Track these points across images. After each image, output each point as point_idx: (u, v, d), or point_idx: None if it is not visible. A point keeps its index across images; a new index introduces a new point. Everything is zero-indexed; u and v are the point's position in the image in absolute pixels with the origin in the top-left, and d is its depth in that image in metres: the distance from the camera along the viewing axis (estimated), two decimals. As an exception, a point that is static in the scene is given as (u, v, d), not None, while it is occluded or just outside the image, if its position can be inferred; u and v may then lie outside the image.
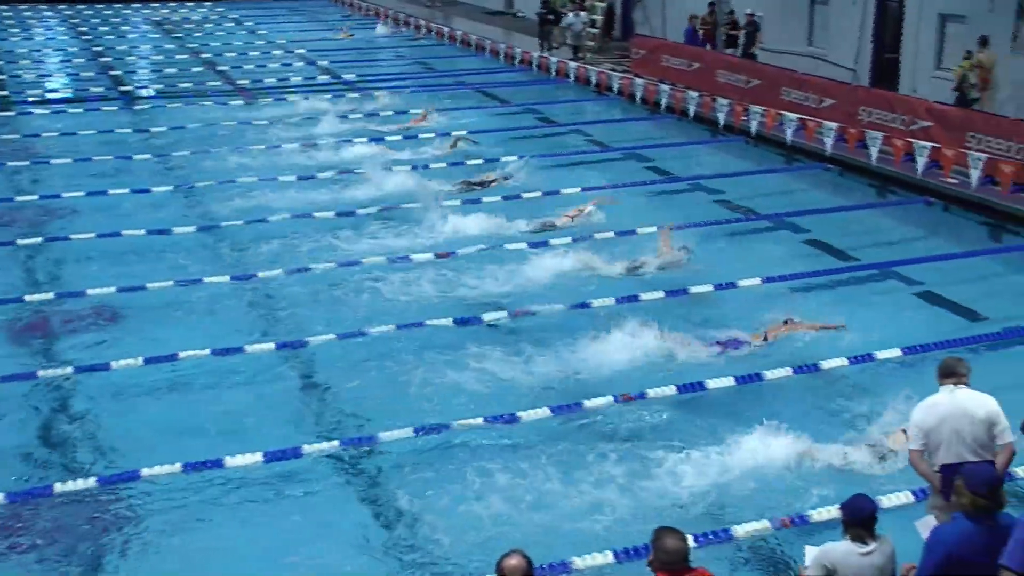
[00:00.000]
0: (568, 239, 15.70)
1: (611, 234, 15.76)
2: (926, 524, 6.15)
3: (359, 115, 24.85)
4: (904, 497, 8.71)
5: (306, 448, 9.78)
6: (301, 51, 34.59)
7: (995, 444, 6.99)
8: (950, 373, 7.21)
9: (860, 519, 5.87)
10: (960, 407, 7.00)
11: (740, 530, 8.41)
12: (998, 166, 16.74)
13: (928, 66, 22.37)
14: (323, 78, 30.20)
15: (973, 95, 19.92)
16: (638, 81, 25.66)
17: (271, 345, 12.15)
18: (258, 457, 9.56)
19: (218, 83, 29.47)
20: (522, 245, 15.33)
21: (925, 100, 19.74)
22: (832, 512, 8.04)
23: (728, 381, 10.94)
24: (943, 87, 21.38)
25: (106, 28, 41.48)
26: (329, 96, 27.20)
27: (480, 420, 10.18)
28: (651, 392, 10.68)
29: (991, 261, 15.01)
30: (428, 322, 12.55)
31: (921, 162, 17.77)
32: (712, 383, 10.87)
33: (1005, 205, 16.52)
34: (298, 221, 16.71)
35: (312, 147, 21.80)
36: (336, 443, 9.97)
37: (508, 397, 10.89)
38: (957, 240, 15.76)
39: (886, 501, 8.55)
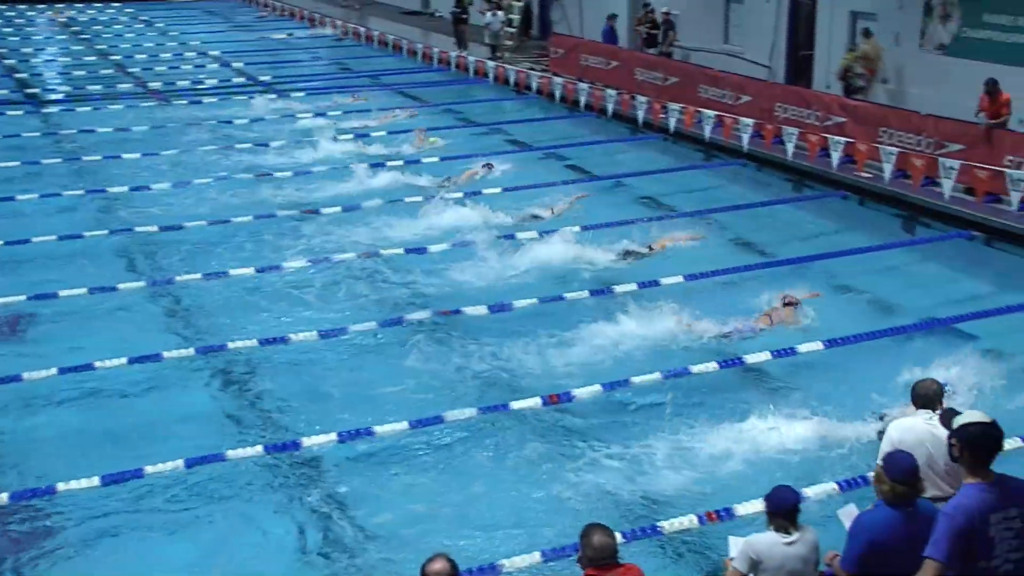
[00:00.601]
0: (491, 237, 15.68)
1: (534, 233, 15.77)
2: (848, 513, 6.22)
3: (276, 116, 24.52)
4: (829, 488, 8.82)
5: (230, 454, 9.58)
6: (215, 52, 34.01)
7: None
8: (929, 401, 6.94)
9: (783, 510, 5.93)
10: (938, 437, 6.70)
11: (667, 525, 8.44)
12: (909, 160, 17.09)
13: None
14: (239, 80, 29.72)
15: (859, 84, 20.74)
16: (557, 80, 25.71)
17: (191, 351, 11.89)
18: (179, 463, 9.33)
19: (129, 86, 28.84)
20: (445, 245, 15.24)
21: (839, 96, 20.09)
22: (756, 505, 8.13)
23: (656, 376, 10.98)
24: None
25: (9, 29, 40.35)
26: (245, 98, 26.78)
27: (405, 424, 10.07)
28: (577, 392, 10.67)
29: (905, 253, 15.29)
30: (352, 327, 12.39)
31: (836, 157, 18.07)
32: (637, 379, 10.88)
33: (916, 198, 16.87)
34: (216, 226, 16.39)
35: (230, 149, 21.43)
36: (260, 448, 9.79)
37: (435, 398, 10.82)
38: (872, 233, 16.03)
39: (811, 492, 8.67)
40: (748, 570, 5.86)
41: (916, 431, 6.73)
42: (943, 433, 6.66)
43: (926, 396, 6.91)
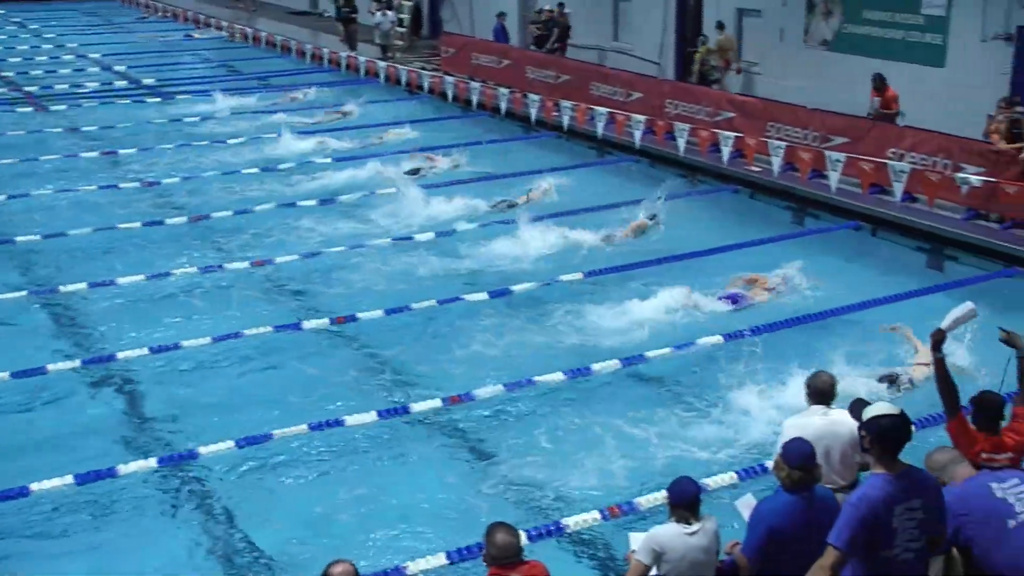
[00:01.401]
0: (388, 240, 15.53)
1: (431, 235, 15.70)
2: (746, 503, 6.28)
3: (163, 120, 23.90)
4: (729, 478, 8.94)
5: (122, 468, 9.28)
6: (95, 55, 32.99)
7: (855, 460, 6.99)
8: (824, 396, 7.02)
9: (684, 501, 5.97)
10: (832, 430, 6.86)
11: (571, 521, 8.48)
12: (797, 154, 17.45)
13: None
14: (121, 83, 28.84)
15: (715, 76, 21.91)
16: (449, 79, 25.61)
17: (77, 363, 11.50)
18: (69, 479, 9.02)
19: (3, 90, 27.77)
20: (342, 248, 15.11)
21: (727, 92, 20.42)
22: (658, 498, 8.18)
23: (558, 376, 10.99)
24: (744, 79, 22.22)
25: None
26: (128, 101, 26.03)
27: (304, 427, 9.88)
28: (479, 392, 10.62)
29: (795, 245, 15.56)
30: (245, 331, 12.15)
31: (726, 152, 18.35)
32: (539, 379, 10.90)
33: (805, 190, 17.23)
34: (102, 233, 15.94)
35: (112, 154, 20.80)
36: (153, 461, 9.50)
37: (335, 401, 10.69)
38: (764, 226, 16.30)
39: (711, 483, 8.78)
40: (651, 562, 5.88)
41: (811, 428, 6.81)
42: (838, 427, 6.78)
43: (819, 390, 6.98)
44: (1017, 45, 17.52)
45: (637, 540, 6.18)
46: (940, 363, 6.58)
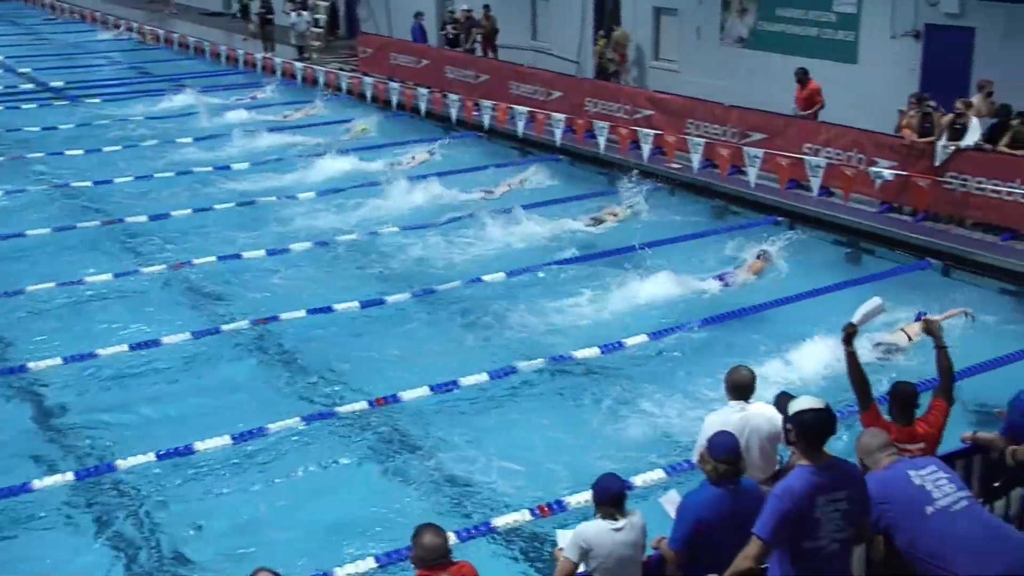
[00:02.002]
0: (309, 243, 15.34)
1: (354, 236, 15.57)
2: (671, 500, 6.29)
3: (70, 125, 23.30)
4: (656, 475, 8.97)
5: (36, 484, 9.01)
6: (-1, 58, 32.10)
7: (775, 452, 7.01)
8: (743, 391, 6.96)
9: (609, 498, 5.97)
10: (752, 425, 6.83)
11: (500, 521, 8.47)
12: (716, 150, 17.62)
13: (647, 57, 23.33)
14: (27, 86, 28.03)
15: (612, 68, 22.76)
16: (367, 80, 25.40)
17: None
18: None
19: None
20: (261, 252, 14.87)
21: (646, 89, 20.56)
22: (588, 497, 8.16)
23: (483, 377, 10.95)
24: (663, 77, 22.39)
25: None
26: (35, 105, 25.33)
27: (228, 439, 9.69)
28: (405, 395, 10.54)
29: (716, 241, 15.69)
30: (163, 339, 11.88)
31: (646, 149, 18.46)
32: (465, 380, 10.86)
33: (725, 186, 17.40)
34: (9, 241, 15.48)
35: (19, 159, 20.22)
36: (70, 475, 9.25)
37: (258, 408, 10.49)
38: (685, 222, 16.42)
39: (640, 481, 8.83)
40: (579, 559, 5.88)
41: (730, 423, 6.84)
42: (757, 421, 6.83)
43: (737, 385, 7.01)
44: (925, 42, 17.94)
45: (564, 537, 6.17)
46: (851, 356, 6.70)
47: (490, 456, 9.63)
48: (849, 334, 6.72)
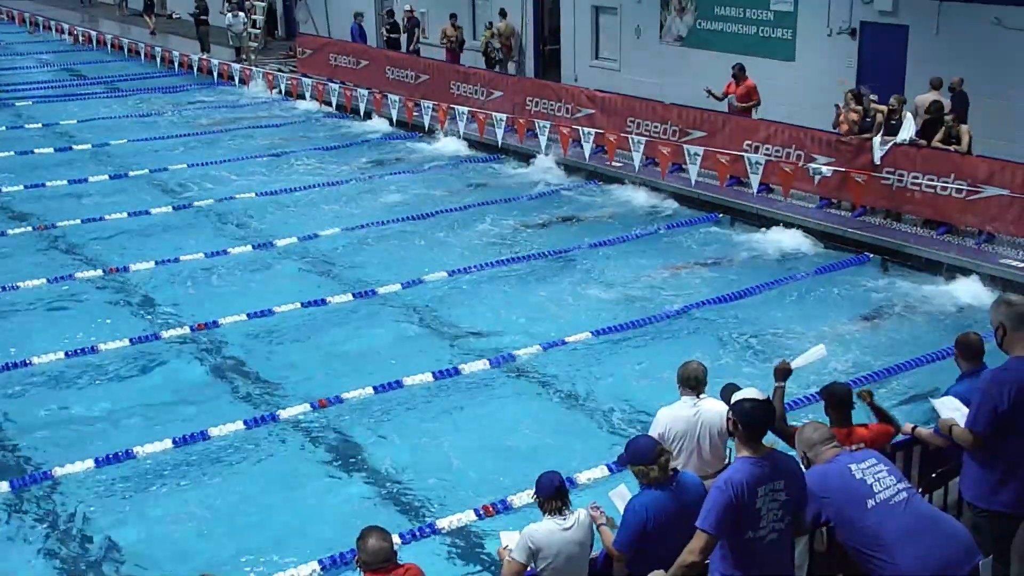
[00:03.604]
0: (248, 246, 15.17)
1: (293, 239, 15.41)
2: (620, 494, 6.28)
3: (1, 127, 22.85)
4: (600, 471, 9.03)
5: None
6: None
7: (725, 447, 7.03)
8: (695, 384, 6.98)
9: (554, 489, 5.96)
10: (704, 420, 6.86)
11: (444, 522, 8.46)
12: (657, 148, 17.70)
13: (587, 56, 23.40)
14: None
15: (497, 57, 23.92)
16: (306, 80, 25.18)
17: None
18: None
19: None
20: (199, 255, 14.72)
21: (586, 88, 20.59)
22: (532, 496, 8.15)
23: (427, 377, 10.90)
24: (602, 75, 22.46)
25: None
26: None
27: (169, 443, 9.53)
28: (348, 395, 10.48)
29: (658, 239, 15.76)
30: (101, 346, 11.70)
31: (588, 148, 18.49)
32: (409, 380, 10.84)
33: (666, 184, 17.48)
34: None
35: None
36: (5, 485, 9.06)
37: (191, 412, 10.37)
38: (626, 221, 16.47)
39: (583, 477, 8.90)
40: (527, 560, 5.84)
41: (681, 418, 6.90)
42: (708, 416, 6.86)
43: (688, 379, 7.04)
44: (860, 39, 18.19)
45: (509, 538, 6.13)
46: (780, 391, 6.88)
47: (434, 456, 9.60)
48: (784, 372, 6.90)
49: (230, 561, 8.01)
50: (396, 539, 6.40)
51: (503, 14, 24.28)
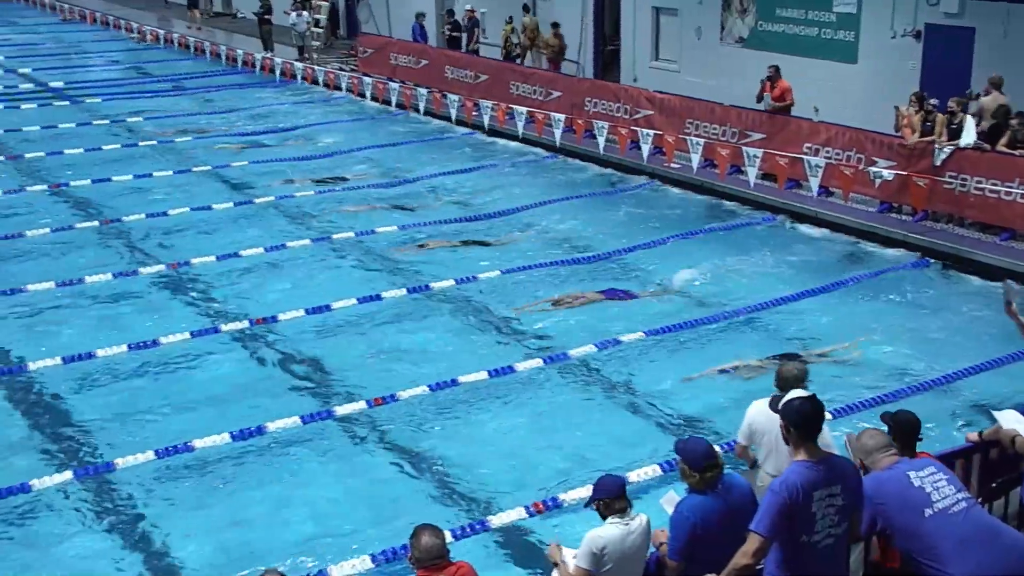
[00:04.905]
0: (308, 240, 15.35)
1: (351, 233, 15.54)
2: (670, 499, 6.25)
3: (71, 124, 23.28)
4: (652, 470, 9.01)
5: (35, 483, 9.03)
6: (-1, 58, 32.03)
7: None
8: (783, 385, 6.80)
9: (616, 491, 5.92)
10: None
11: (496, 520, 8.48)
12: (715, 150, 17.60)
13: (646, 57, 23.32)
14: (26, 86, 27.98)
15: (516, 52, 24.54)
16: (367, 80, 25.39)
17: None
18: None
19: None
20: (260, 249, 14.80)
21: (646, 89, 20.52)
22: (581, 493, 8.17)
23: (483, 376, 10.97)
24: (661, 76, 22.36)
25: None
26: (34, 105, 25.29)
27: (227, 437, 9.70)
28: (403, 393, 10.56)
29: (715, 239, 15.68)
30: (163, 339, 11.90)
31: (646, 149, 18.44)
32: (463, 379, 10.88)
33: (724, 186, 17.39)
34: (6, 242, 15.50)
35: (19, 158, 20.20)
36: (69, 474, 9.26)
37: (249, 407, 10.45)
38: (685, 221, 16.41)
39: (634, 476, 8.86)
40: (593, 566, 5.79)
41: (764, 413, 6.81)
42: None
43: (786, 378, 6.95)
44: (925, 41, 17.92)
45: (567, 550, 6.08)
46: None
47: (486, 454, 9.64)
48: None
49: (284, 555, 8.09)
50: (448, 535, 6.44)
51: (526, 10, 24.82)
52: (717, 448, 6.30)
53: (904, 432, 6.16)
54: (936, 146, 14.93)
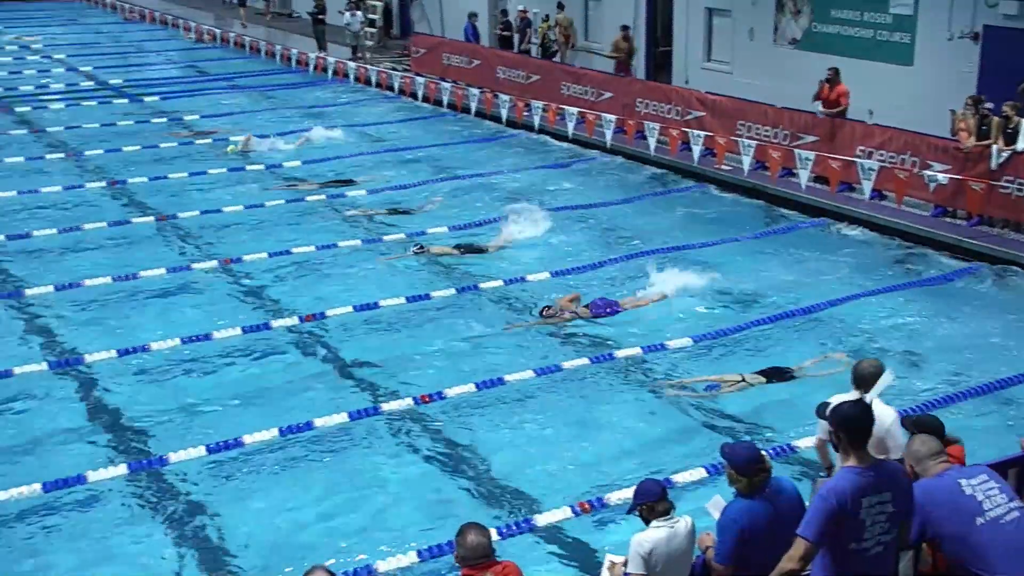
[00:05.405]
0: (358, 241, 15.46)
1: (402, 235, 15.64)
2: (716, 504, 6.22)
3: (129, 121, 23.64)
4: (698, 473, 8.97)
5: (91, 475, 9.18)
6: (60, 56, 32.54)
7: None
8: (859, 382, 6.70)
9: (659, 492, 5.92)
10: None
11: (541, 519, 8.49)
12: (767, 152, 17.47)
13: (699, 58, 23.21)
14: (87, 84, 28.46)
15: (553, 49, 24.64)
16: (419, 79, 25.53)
17: (43, 366, 11.35)
18: (37, 488, 8.94)
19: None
20: (311, 247, 15.00)
21: (697, 91, 20.44)
22: (626, 494, 8.16)
23: (529, 374, 10.98)
24: (714, 78, 22.25)
25: None
26: (94, 103, 25.72)
27: (275, 432, 9.78)
28: (449, 391, 10.61)
29: (766, 242, 15.58)
30: (215, 334, 12.06)
31: (696, 151, 18.35)
32: (510, 377, 10.92)
33: (776, 189, 17.26)
34: (68, 235, 15.78)
35: (77, 156, 20.53)
36: (123, 467, 9.40)
37: (297, 403, 10.55)
38: (735, 223, 16.32)
39: (679, 478, 8.84)
40: (644, 569, 5.79)
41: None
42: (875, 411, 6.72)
43: (861, 376, 6.86)
44: (982, 44, 17.65)
45: (614, 558, 6.07)
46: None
47: (532, 453, 9.67)
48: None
49: (330, 551, 8.15)
50: (494, 534, 6.45)
51: (560, 7, 24.89)
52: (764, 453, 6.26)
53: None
54: (993, 150, 14.71)
